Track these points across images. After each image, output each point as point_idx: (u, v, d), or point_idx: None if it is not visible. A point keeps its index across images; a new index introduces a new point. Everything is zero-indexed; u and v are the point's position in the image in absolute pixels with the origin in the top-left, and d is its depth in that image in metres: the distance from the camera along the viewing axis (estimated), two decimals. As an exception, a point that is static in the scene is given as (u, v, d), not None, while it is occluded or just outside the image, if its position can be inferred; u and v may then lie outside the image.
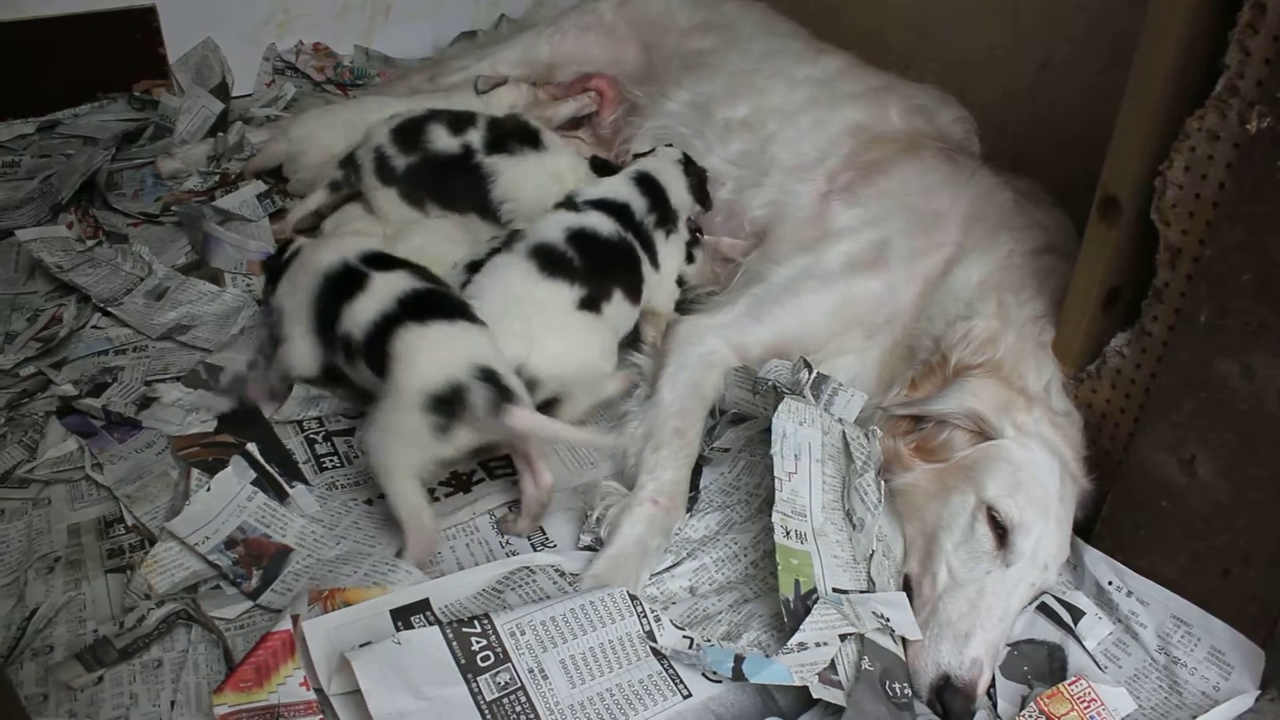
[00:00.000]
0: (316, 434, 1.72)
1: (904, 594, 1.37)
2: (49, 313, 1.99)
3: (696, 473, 1.62)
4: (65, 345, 1.90)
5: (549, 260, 1.66)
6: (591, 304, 1.67)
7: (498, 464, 1.66)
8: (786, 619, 1.27)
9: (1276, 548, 1.25)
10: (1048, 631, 1.36)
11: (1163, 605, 1.37)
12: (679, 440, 1.58)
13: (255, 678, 1.19)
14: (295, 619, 1.25)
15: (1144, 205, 1.30)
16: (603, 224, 1.77)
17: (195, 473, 1.57)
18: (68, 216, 2.28)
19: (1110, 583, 1.41)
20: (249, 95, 2.92)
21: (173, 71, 2.85)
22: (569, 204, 1.81)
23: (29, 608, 1.36)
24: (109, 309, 1.99)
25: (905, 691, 1.24)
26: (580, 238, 1.72)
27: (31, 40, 2.65)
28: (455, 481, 1.63)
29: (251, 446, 1.60)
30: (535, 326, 1.58)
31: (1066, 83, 1.98)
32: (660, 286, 1.86)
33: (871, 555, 1.39)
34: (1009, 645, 1.34)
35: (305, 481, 1.60)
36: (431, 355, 1.43)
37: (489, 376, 1.40)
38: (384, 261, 1.61)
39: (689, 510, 1.56)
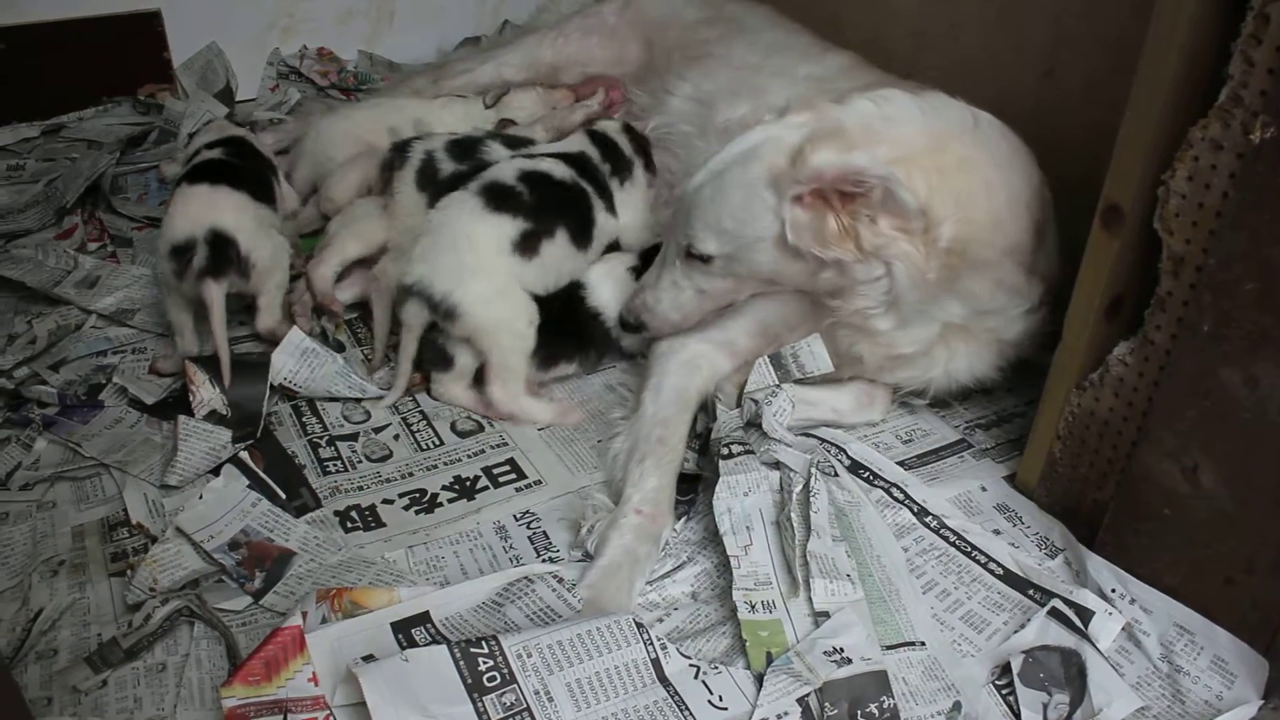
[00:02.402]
0: (320, 438, 1.73)
1: (852, 612, 1.34)
2: (50, 316, 2.00)
3: (694, 478, 1.62)
4: (61, 346, 1.92)
5: (496, 195, 1.78)
6: (531, 240, 1.76)
7: (501, 471, 1.67)
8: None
9: (1279, 556, 1.26)
10: (1061, 636, 1.36)
11: (1165, 613, 1.37)
12: (661, 448, 1.58)
13: (264, 672, 1.19)
14: (305, 615, 1.26)
15: (1147, 214, 1.30)
16: (558, 168, 1.87)
17: (182, 419, 1.63)
18: (73, 220, 2.29)
19: (1113, 590, 1.40)
20: (253, 99, 2.93)
21: (177, 76, 2.87)
22: (526, 155, 1.92)
23: (33, 611, 1.37)
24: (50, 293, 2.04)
25: (884, 706, 1.23)
26: (532, 177, 1.83)
27: (36, 44, 2.66)
28: (459, 488, 1.63)
29: (243, 454, 1.62)
30: (466, 263, 1.72)
31: (1070, 91, 1.98)
32: (627, 231, 1.96)
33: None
34: (1024, 652, 1.33)
35: (308, 486, 1.61)
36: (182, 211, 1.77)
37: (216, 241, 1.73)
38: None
39: (686, 515, 1.56)
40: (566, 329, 1.83)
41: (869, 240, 1.44)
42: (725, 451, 1.53)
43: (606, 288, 1.87)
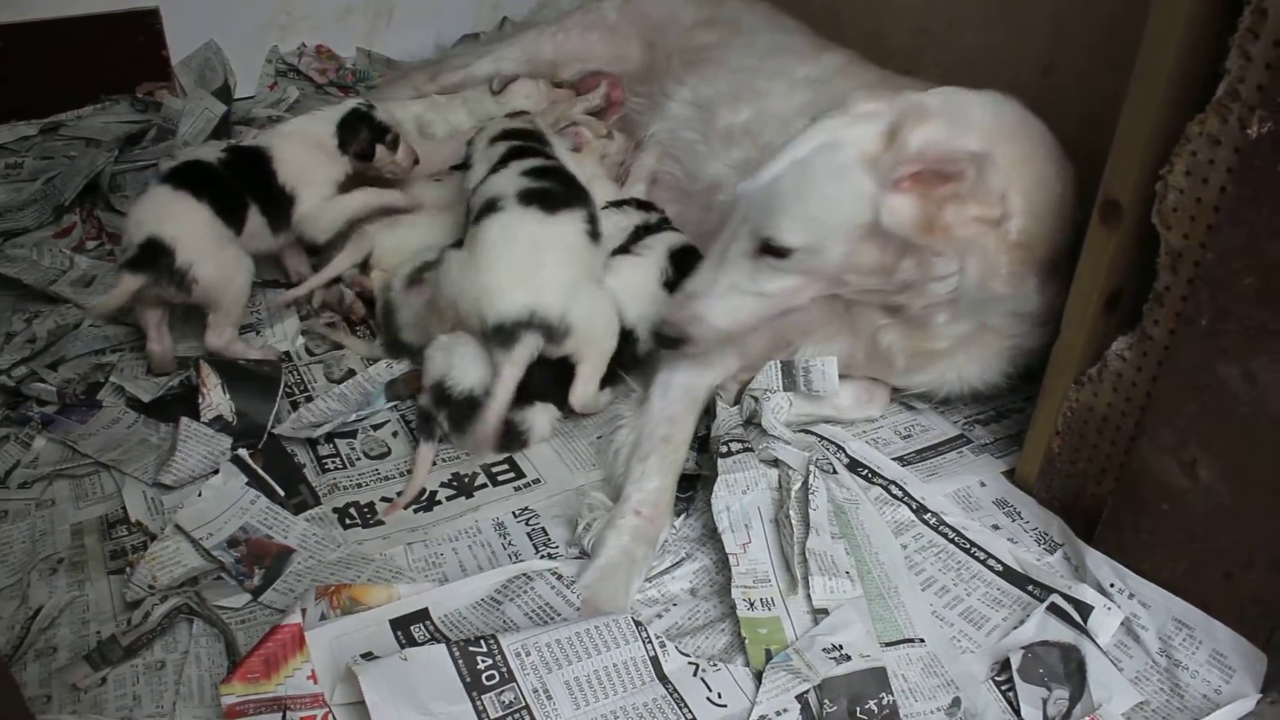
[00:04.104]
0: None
1: (851, 609, 1.34)
2: (50, 316, 2.00)
3: (693, 475, 1.62)
4: (60, 344, 1.92)
5: (544, 198, 1.71)
6: (594, 225, 1.75)
7: (500, 470, 1.67)
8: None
9: (1278, 551, 1.26)
10: (1060, 632, 1.36)
11: (1164, 608, 1.37)
12: (665, 447, 1.58)
13: (263, 669, 1.20)
14: (304, 612, 1.26)
15: (1145, 209, 1.30)
16: (538, 159, 1.83)
17: (184, 421, 1.63)
18: (71, 218, 2.29)
19: (1112, 585, 1.40)
20: (251, 97, 2.92)
21: (175, 74, 2.86)
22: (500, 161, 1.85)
23: (32, 609, 1.37)
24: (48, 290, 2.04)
25: (883, 703, 1.23)
26: (542, 170, 1.79)
27: (35, 42, 2.66)
28: (458, 485, 1.63)
29: (243, 452, 1.62)
30: (571, 274, 1.65)
31: (1069, 87, 1.98)
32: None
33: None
34: (1023, 648, 1.33)
35: (308, 483, 1.61)
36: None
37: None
38: None
39: (685, 512, 1.55)
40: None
41: (959, 229, 1.40)
42: (724, 450, 1.53)
43: (636, 306, 1.81)
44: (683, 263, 1.82)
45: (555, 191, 1.74)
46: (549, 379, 1.69)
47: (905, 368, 1.68)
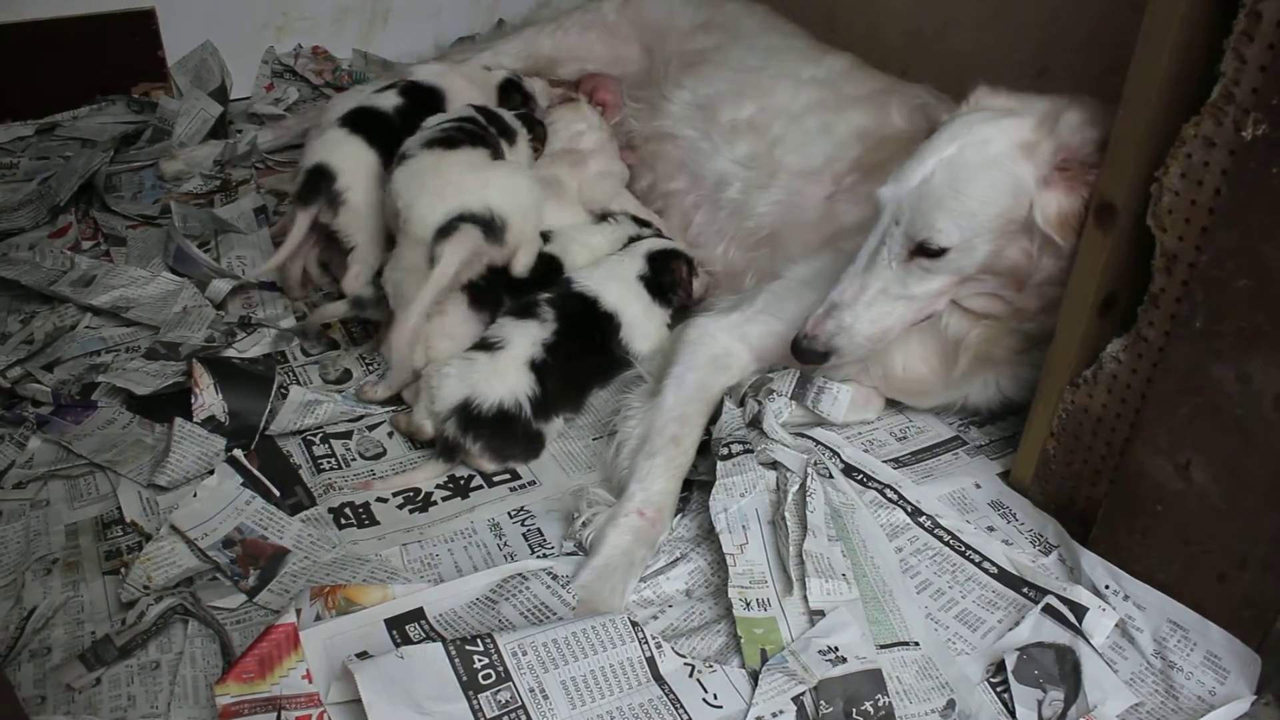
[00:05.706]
0: (314, 435, 1.72)
1: (846, 611, 1.34)
2: (45, 315, 2.00)
3: (689, 479, 1.61)
4: (56, 346, 1.91)
5: (444, 141, 1.82)
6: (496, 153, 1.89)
7: (496, 471, 1.66)
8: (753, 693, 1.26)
9: (1272, 552, 1.26)
10: (1055, 633, 1.36)
11: (1159, 609, 1.37)
12: (674, 448, 1.57)
13: (258, 669, 1.20)
14: (299, 612, 1.26)
15: (1140, 211, 1.31)
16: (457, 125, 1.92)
17: (178, 421, 1.64)
18: (66, 218, 2.29)
19: (1107, 586, 1.41)
20: (248, 98, 2.92)
21: (171, 74, 2.86)
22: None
23: (26, 609, 1.37)
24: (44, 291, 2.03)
25: (879, 704, 1.23)
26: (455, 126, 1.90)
27: (30, 42, 2.66)
28: (453, 487, 1.63)
29: (238, 452, 1.62)
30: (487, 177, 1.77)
31: (1063, 89, 1.98)
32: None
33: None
34: (1018, 650, 1.34)
35: (303, 484, 1.61)
36: None
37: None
38: None
39: (680, 512, 1.55)
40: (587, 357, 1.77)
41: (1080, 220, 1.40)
42: (725, 452, 1.53)
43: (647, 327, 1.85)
44: (661, 264, 1.89)
45: (457, 136, 1.85)
46: (568, 388, 1.72)
47: (945, 385, 1.67)
